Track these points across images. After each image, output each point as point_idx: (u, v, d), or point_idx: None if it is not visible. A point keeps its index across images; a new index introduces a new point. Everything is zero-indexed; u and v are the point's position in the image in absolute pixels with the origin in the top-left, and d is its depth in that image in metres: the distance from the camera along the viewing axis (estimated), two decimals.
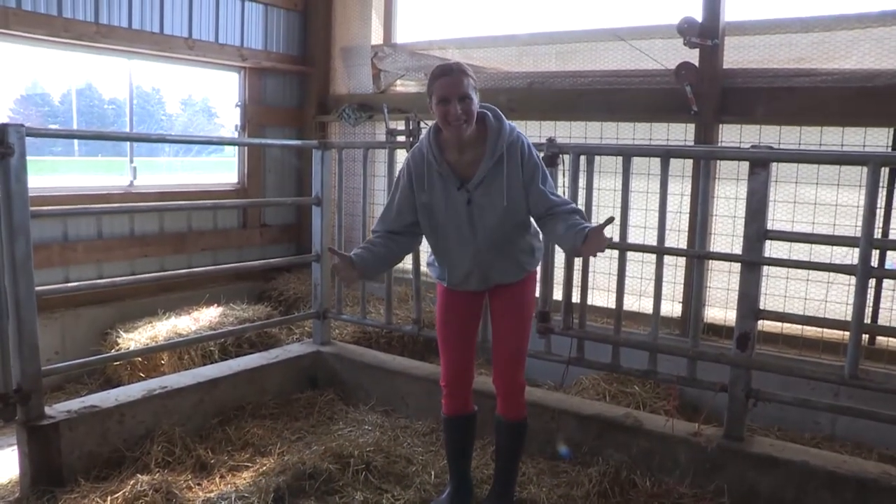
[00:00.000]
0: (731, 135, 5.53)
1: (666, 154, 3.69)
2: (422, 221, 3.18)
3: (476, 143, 3.05)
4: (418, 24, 7.66)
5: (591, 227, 2.81)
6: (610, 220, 2.80)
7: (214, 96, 7.87)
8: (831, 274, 4.84)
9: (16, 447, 3.57)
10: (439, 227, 3.15)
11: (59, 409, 3.66)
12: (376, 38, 7.67)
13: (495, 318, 3.31)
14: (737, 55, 5.55)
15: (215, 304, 6.45)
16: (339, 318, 5.16)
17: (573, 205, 3.09)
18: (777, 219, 5.09)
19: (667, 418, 3.77)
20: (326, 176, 4.96)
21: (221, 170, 8.01)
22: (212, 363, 5.10)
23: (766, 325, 4.87)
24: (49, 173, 6.84)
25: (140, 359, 5.37)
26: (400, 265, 5.99)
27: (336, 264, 3.05)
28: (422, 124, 5.50)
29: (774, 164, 3.46)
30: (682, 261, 5.48)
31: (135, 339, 5.59)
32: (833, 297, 5.11)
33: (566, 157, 3.87)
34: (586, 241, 2.80)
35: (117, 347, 5.56)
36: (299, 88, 8.00)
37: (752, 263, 3.41)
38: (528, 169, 3.04)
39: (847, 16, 5.17)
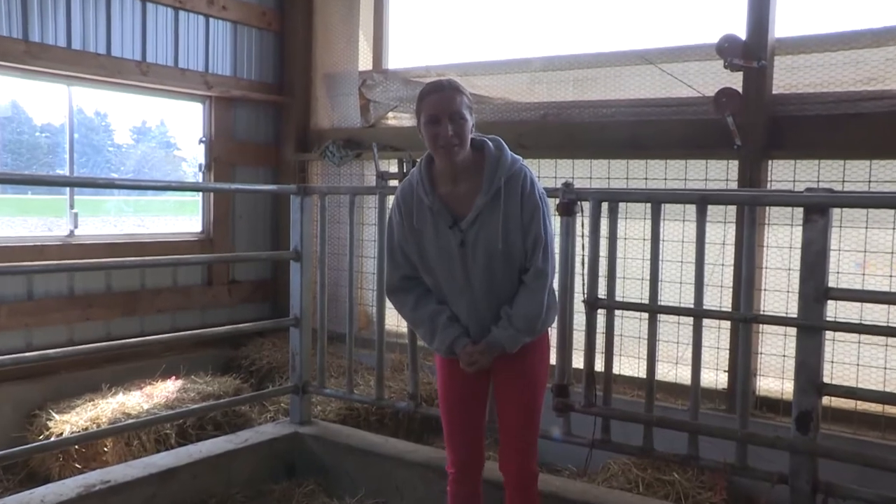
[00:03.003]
0: (782, 172, 5.54)
1: (702, 200, 3.68)
2: (417, 262, 3.22)
3: (472, 173, 3.09)
4: (413, 47, 7.80)
5: (490, 335, 3.11)
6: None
7: (173, 124, 7.94)
8: None
9: None
10: (431, 271, 3.19)
11: None
12: (364, 63, 7.79)
13: (499, 392, 3.30)
14: (789, 77, 5.60)
15: (173, 377, 6.40)
16: (322, 392, 5.11)
17: (542, 275, 3.10)
18: (843, 271, 5.07)
19: None
20: (307, 225, 4.97)
21: (182, 212, 8.04)
22: (167, 449, 5.03)
23: (835, 399, 4.79)
24: None
25: (77, 446, 5.27)
26: (393, 328, 6.04)
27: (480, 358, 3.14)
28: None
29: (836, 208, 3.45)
30: (725, 321, 5.45)
31: (71, 421, 5.50)
32: None
33: (585, 205, 3.88)
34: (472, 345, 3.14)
35: (47, 433, 5.46)
36: (275, 121, 8.10)
37: (810, 328, 3.38)
38: (528, 208, 3.06)
39: None
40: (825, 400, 3.46)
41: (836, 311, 3.72)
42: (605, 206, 3.89)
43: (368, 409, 5.96)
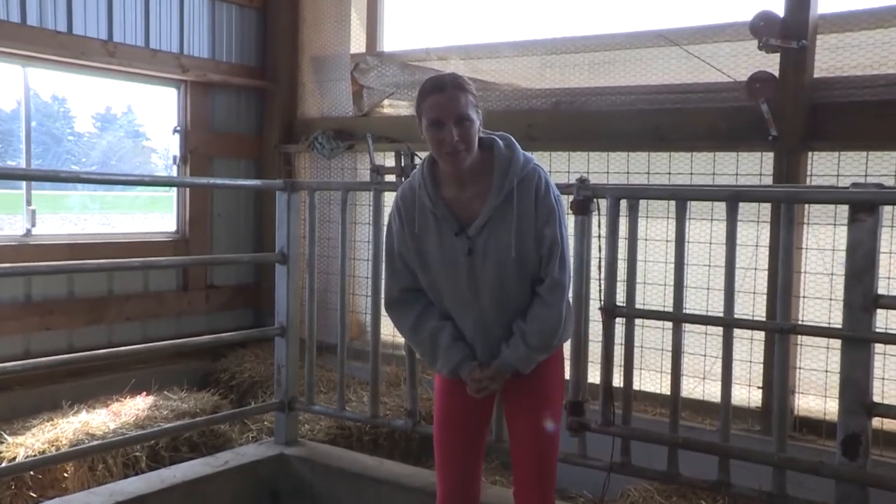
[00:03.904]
0: (824, 165, 5.51)
1: (733, 197, 3.67)
2: (418, 274, 3.18)
3: (481, 175, 3.06)
4: (411, 27, 7.81)
5: (501, 357, 3.08)
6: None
7: (143, 111, 7.93)
8: None
9: None
10: (433, 282, 3.16)
11: None
12: (357, 45, 7.79)
13: (511, 415, 3.27)
14: (834, 59, 5.56)
15: (144, 393, 6.38)
16: (310, 409, 5.11)
17: (559, 286, 3.07)
18: (894, 276, 5.03)
19: None
20: (294, 225, 4.96)
21: (154, 209, 8.04)
22: (136, 474, 5.02)
23: (887, 420, 4.75)
24: None
25: (32, 472, 5.20)
26: (390, 339, 6.01)
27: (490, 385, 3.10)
28: (416, 158, 5.51)
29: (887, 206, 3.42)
30: (759, 332, 5.42)
31: (26, 444, 5.45)
32: None
33: (602, 203, 3.85)
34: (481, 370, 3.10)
35: None
36: (258, 109, 8.10)
37: (856, 340, 3.34)
38: (543, 212, 3.04)
39: None
40: (875, 421, 3.42)
41: (886, 320, 3.66)
42: (623, 203, 3.88)
43: (361, 428, 5.95)
